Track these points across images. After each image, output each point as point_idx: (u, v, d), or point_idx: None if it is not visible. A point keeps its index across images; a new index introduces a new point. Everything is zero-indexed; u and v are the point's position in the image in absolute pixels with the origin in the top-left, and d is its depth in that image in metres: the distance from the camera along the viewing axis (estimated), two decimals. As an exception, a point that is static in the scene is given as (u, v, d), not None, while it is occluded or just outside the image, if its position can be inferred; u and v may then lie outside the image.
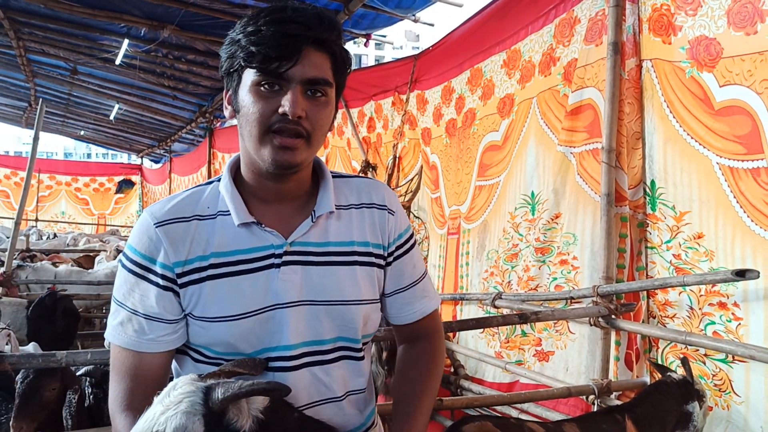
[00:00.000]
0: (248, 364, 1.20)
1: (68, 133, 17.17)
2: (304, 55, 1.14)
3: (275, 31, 1.12)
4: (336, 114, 1.27)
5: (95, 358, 2.18)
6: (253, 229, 1.23)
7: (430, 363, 1.43)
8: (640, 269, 3.14)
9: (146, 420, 1.00)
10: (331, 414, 1.26)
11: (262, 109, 1.15)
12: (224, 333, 1.21)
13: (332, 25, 1.17)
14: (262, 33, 1.12)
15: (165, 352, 1.23)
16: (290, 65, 1.13)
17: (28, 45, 8.55)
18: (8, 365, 2.06)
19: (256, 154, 1.19)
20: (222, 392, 1.00)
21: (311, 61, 1.15)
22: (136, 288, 1.20)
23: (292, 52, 1.13)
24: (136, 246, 1.21)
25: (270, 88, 1.15)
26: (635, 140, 3.12)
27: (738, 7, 2.61)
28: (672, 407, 2.45)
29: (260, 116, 1.15)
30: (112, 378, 1.23)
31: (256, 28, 1.13)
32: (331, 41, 1.17)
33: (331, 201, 1.29)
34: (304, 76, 1.14)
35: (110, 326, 1.23)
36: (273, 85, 1.14)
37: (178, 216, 1.22)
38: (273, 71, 1.13)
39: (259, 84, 1.15)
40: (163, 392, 1.04)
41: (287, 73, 1.13)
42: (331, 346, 1.29)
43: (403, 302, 1.41)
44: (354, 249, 1.31)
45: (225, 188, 1.25)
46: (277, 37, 1.11)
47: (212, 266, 1.20)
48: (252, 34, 1.13)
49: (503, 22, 4.14)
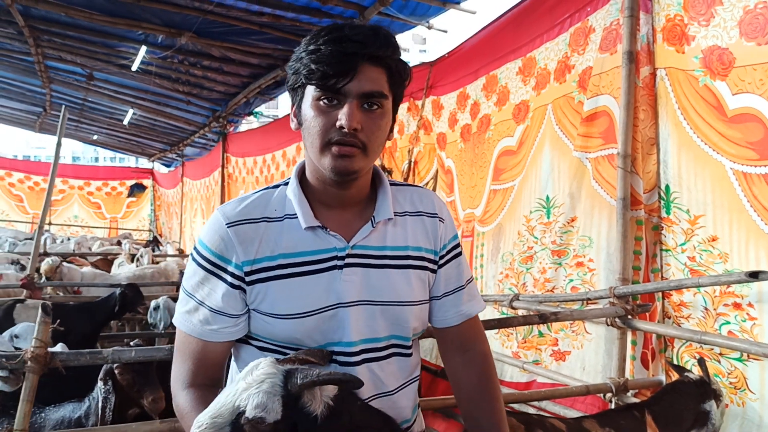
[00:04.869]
0: (317, 354, 1.30)
1: (81, 137, 17.33)
2: (360, 70, 1.24)
3: (333, 50, 1.22)
4: (394, 123, 1.37)
5: (139, 356, 2.29)
6: (318, 232, 1.33)
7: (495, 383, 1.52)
8: (655, 271, 3.24)
9: (228, 394, 1.09)
10: (385, 407, 1.35)
11: (322, 122, 1.25)
12: (290, 329, 1.31)
13: (387, 41, 1.27)
14: (321, 51, 1.23)
15: (226, 342, 1.34)
16: (347, 81, 1.23)
17: (47, 52, 8.68)
18: (59, 363, 2.18)
19: (318, 163, 1.29)
20: (302, 377, 1.08)
21: (367, 76, 1.24)
22: (206, 282, 1.31)
23: (349, 68, 1.23)
24: (208, 243, 1.32)
25: (329, 103, 1.25)
26: (650, 146, 3.22)
27: (750, 18, 2.71)
28: (689, 406, 2.52)
29: (320, 129, 1.25)
30: (177, 358, 1.34)
31: (316, 47, 1.24)
32: (386, 56, 1.27)
33: (390, 208, 1.39)
34: (360, 91, 1.24)
35: (178, 312, 1.34)
36: (332, 99, 1.25)
37: (248, 217, 1.33)
38: (331, 87, 1.23)
39: (319, 99, 1.26)
40: (245, 370, 1.12)
41: (344, 88, 1.23)
42: (385, 344, 1.39)
43: (451, 304, 1.50)
44: (408, 254, 1.41)
45: (293, 193, 1.35)
46: (335, 55, 1.22)
47: (280, 266, 1.31)
48: (313, 53, 1.24)
49: (518, 31, 4.25)
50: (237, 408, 1.06)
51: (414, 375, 1.49)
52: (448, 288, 1.49)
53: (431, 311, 1.50)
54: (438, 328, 1.54)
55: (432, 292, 1.48)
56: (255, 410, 1.04)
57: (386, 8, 5.55)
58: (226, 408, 1.07)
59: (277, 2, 5.91)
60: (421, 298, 1.44)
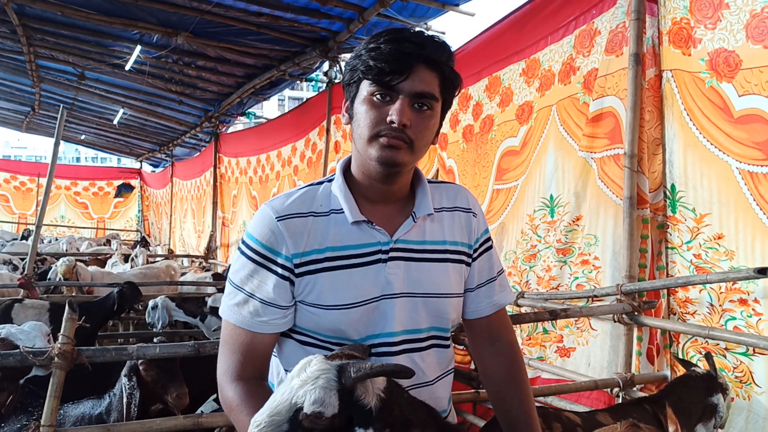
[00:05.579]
0: (359, 349, 1.33)
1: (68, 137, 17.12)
2: (415, 71, 1.29)
3: (392, 49, 1.28)
4: (440, 127, 1.43)
5: (164, 352, 2.31)
6: (363, 227, 1.38)
7: (524, 372, 1.58)
8: (660, 268, 3.31)
9: (284, 393, 1.11)
10: (425, 397, 1.37)
11: (373, 116, 1.31)
12: (336, 320, 1.35)
13: (443, 48, 1.34)
14: (381, 49, 1.29)
15: (274, 334, 1.37)
16: (401, 79, 1.29)
17: (39, 51, 8.61)
18: (85, 358, 2.20)
19: (365, 154, 1.34)
20: (355, 371, 1.11)
21: (421, 77, 1.30)
22: (256, 275, 1.34)
23: (405, 67, 1.28)
24: (257, 236, 1.35)
25: (382, 99, 1.31)
26: (655, 146, 3.29)
27: (756, 22, 2.79)
28: (697, 399, 2.59)
29: (371, 122, 1.31)
30: (223, 351, 1.37)
31: (376, 45, 1.30)
32: (441, 61, 1.33)
33: (430, 204, 1.45)
34: (413, 90, 1.30)
35: (226, 305, 1.37)
36: (385, 96, 1.30)
37: (296, 211, 1.37)
38: (386, 83, 1.29)
39: (373, 94, 1.31)
40: (296, 368, 1.14)
41: (398, 86, 1.29)
42: (425, 335, 1.44)
43: (484, 295, 1.55)
44: (446, 248, 1.47)
45: (339, 189, 1.40)
46: (393, 54, 1.28)
47: (327, 259, 1.35)
48: (372, 50, 1.30)
49: (522, 33, 4.31)
50: (294, 405, 1.08)
51: (450, 367, 1.54)
52: (482, 279, 1.55)
53: (465, 303, 1.55)
54: (469, 320, 1.59)
55: (467, 284, 1.53)
56: (313, 405, 1.07)
57: (386, 9, 5.60)
58: (283, 405, 1.09)
59: (277, 3, 5.93)
60: (458, 291, 1.49)
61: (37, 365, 2.14)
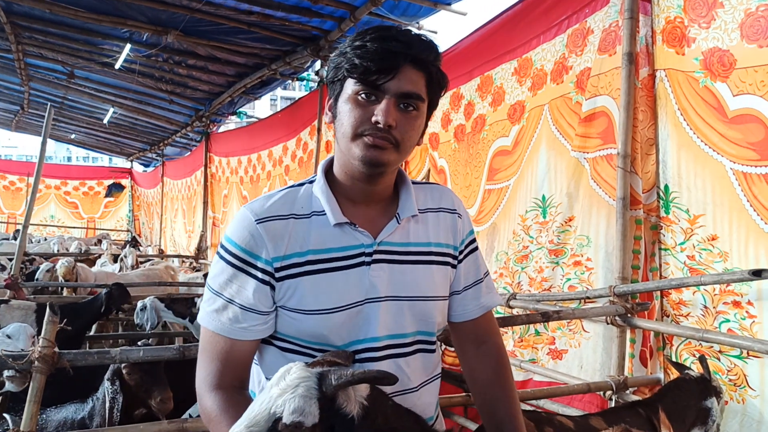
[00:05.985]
0: (342, 355, 1.29)
1: (58, 136, 17.02)
2: (402, 70, 1.25)
3: (378, 47, 1.24)
4: (426, 128, 1.38)
5: (148, 355, 2.26)
6: (346, 228, 1.33)
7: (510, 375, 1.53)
8: (654, 270, 3.28)
9: (262, 402, 1.06)
10: (411, 404, 1.34)
11: (357, 115, 1.26)
12: (318, 325, 1.30)
13: (431, 47, 1.30)
14: (367, 48, 1.24)
15: (254, 341, 1.32)
16: (388, 79, 1.24)
17: (27, 49, 8.53)
18: (67, 362, 2.14)
19: (348, 153, 1.29)
20: (336, 378, 1.06)
21: (407, 77, 1.26)
22: (235, 280, 1.29)
23: (391, 66, 1.24)
24: (236, 240, 1.30)
25: (367, 98, 1.26)
26: (649, 146, 3.26)
27: (751, 21, 2.76)
28: (691, 403, 2.56)
29: (354, 121, 1.26)
30: (202, 359, 1.32)
31: (362, 43, 1.25)
32: (428, 61, 1.29)
33: (414, 205, 1.41)
34: (399, 90, 1.25)
35: (204, 312, 1.32)
36: (370, 95, 1.26)
37: (276, 214, 1.32)
38: (371, 83, 1.25)
39: (358, 93, 1.27)
40: (276, 376, 1.10)
41: (384, 85, 1.25)
42: (411, 339, 1.40)
43: (471, 297, 1.52)
44: (431, 249, 1.42)
45: (320, 190, 1.35)
46: (379, 52, 1.24)
47: (309, 262, 1.30)
48: (358, 48, 1.25)
49: (514, 32, 4.28)
50: (273, 415, 1.04)
51: (437, 372, 1.50)
52: (468, 282, 1.51)
53: (450, 306, 1.51)
54: (455, 323, 1.55)
55: (453, 287, 1.49)
56: (292, 415, 1.03)
57: (377, 8, 5.55)
58: (262, 416, 1.05)
59: (268, 1, 5.88)
60: (444, 294, 1.45)
61: (17, 369, 2.08)
